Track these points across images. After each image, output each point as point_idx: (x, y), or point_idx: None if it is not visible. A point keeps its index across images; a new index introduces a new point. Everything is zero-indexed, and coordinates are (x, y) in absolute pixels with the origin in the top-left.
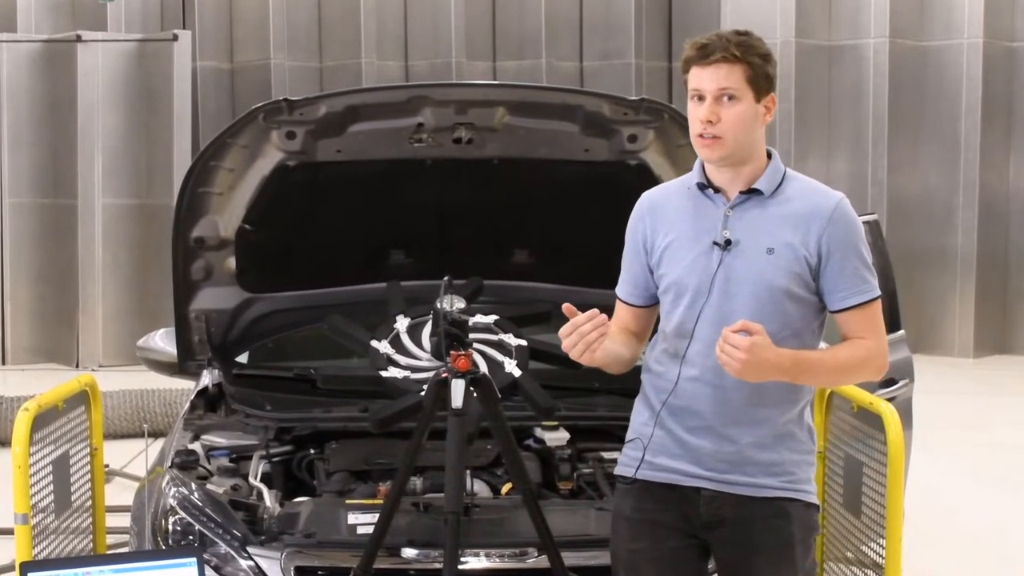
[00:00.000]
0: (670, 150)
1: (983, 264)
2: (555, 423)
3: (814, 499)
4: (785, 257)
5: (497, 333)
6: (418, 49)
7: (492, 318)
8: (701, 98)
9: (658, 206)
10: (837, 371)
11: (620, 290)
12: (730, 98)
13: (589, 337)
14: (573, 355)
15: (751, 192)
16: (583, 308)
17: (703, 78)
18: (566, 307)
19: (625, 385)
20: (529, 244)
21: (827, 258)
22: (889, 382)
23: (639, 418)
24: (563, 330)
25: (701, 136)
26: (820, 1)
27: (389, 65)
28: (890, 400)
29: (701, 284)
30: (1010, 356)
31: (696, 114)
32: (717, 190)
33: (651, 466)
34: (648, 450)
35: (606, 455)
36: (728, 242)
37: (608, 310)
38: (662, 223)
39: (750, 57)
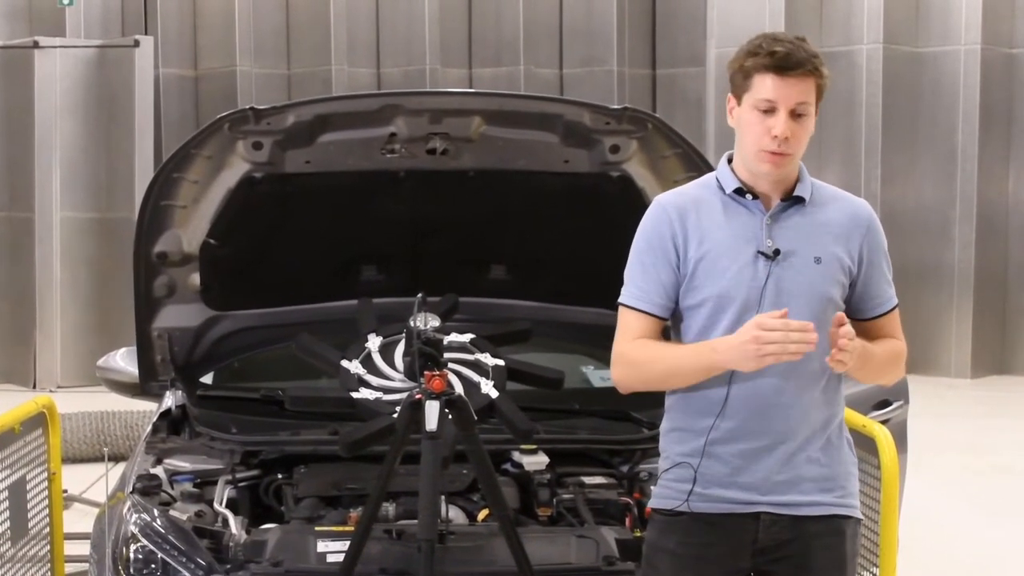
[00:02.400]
0: (654, 161)
1: (981, 280)
2: (534, 446)
3: (860, 514)
4: (832, 267)
5: (473, 352)
6: (390, 55)
7: (468, 337)
8: (771, 110)
9: (686, 212)
10: (885, 363)
11: (645, 302)
12: (803, 113)
13: (792, 347)
14: (763, 351)
15: (790, 199)
16: (563, 327)
17: (780, 89)
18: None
19: (606, 407)
20: (507, 259)
21: (865, 266)
22: (883, 404)
23: (679, 447)
24: (772, 323)
25: (771, 152)
26: (810, 6)
27: (360, 72)
28: (884, 423)
29: (750, 297)
30: (1009, 376)
31: (765, 126)
32: (755, 197)
33: (702, 497)
34: (697, 480)
35: (587, 480)
36: (777, 252)
37: (590, 328)
38: (694, 231)
39: (823, 69)
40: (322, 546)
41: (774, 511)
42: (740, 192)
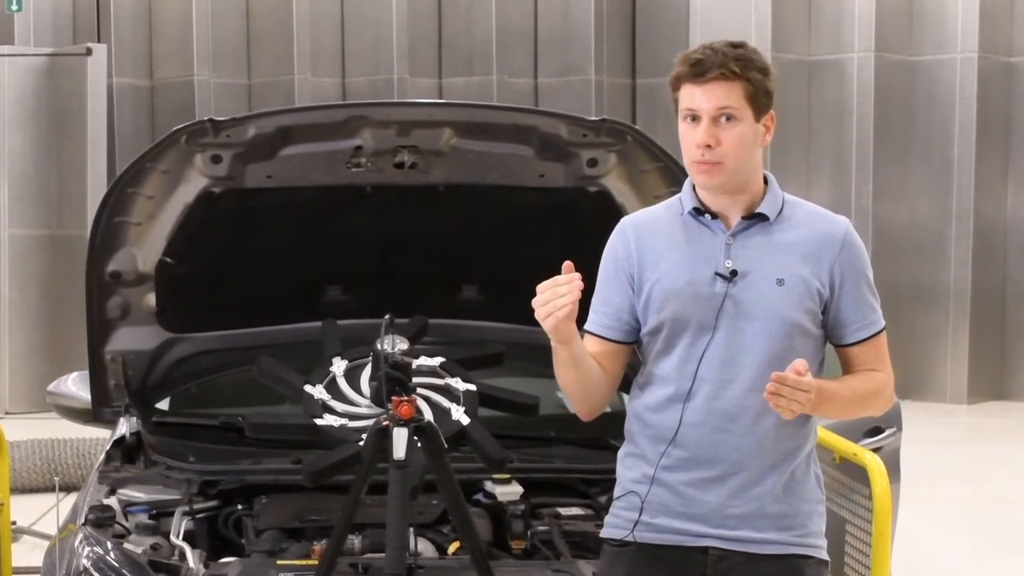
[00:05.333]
0: (634, 175)
1: (978, 301)
2: (507, 476)
3: (825, 555)
4: (797, 290)
5: (443, 377)
6: (356, 65)
7: (438, 360)
8: (696, 119)
9: (644, 233)
10: (853, 401)
11: (595, 324)
12: (729, 118)
13: (559, 301)
14: (539, 315)
15: (754, 218)
16: (538, 350)
17: (699, 97)
18: (566, 264)
19: (584, 434)
20: (479, 279)
21: (839, 288)
22: (875, 431)
23: (631, 473)
24: (541, 286)
25: (699, 162)
26: (799, 12)
27: (324, 82)
28: (876, 451)
29: (704, 320)
30: (1007, 402)
31: (692, 137)
32: (715, 216)
33: (649, 527)
34: (645, 510)
35: (563, 511)
36: (734, 273)
37: None
38: (650, 252)
39: (749, 72)
40: None
41: (723, 546)
42: (699, 212)
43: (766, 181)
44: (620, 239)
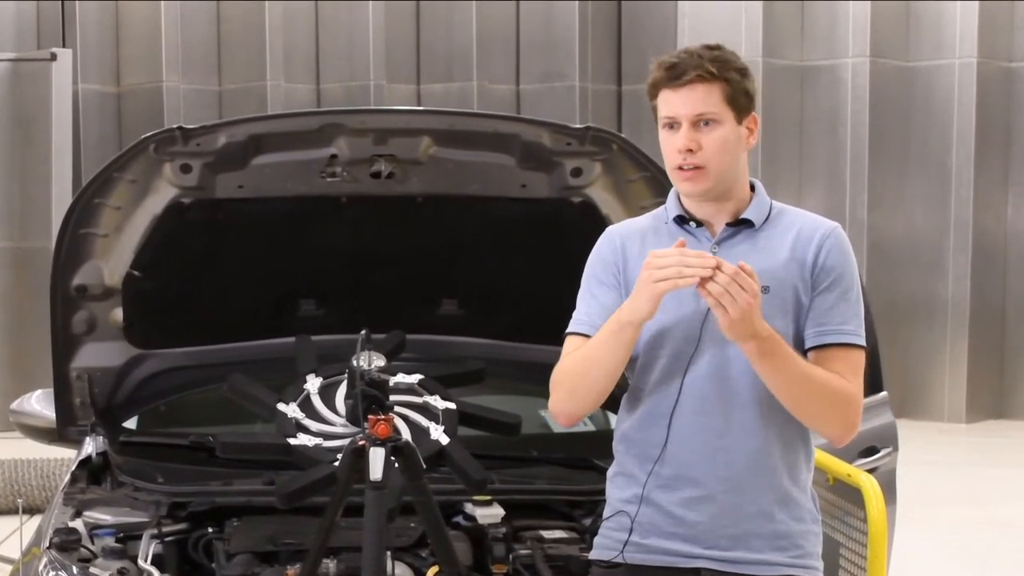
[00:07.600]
0: (619, 185)
1: (977, 316)
2: (488, 497)
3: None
4: (781, 297)
5: (422, 395)
6: (331, 70)
7: (416, 378)
8: (675, 125)
9: (630, 241)
10: (804, 381)
11: (585, 325)
12: (708, 122)
13: (688, 270)
14: (654, 275)
15: (739, 224)
16: (520, 367)
17: (676, 102)
18: (681, 240)
19: (566, 454)
20: (459, 293)
21: (815, 286)
22: (870, 451)
23: (620, 493)
24: (662, 252)
25: (680, 168)
26: (791, 16)
27: (298, 88)
28: (871, 471)
29: (689, 333)
30: (1007, 421)
31: (672, 144)
32: (700, 224)
33: (640, 548)
34: (635, 530)
35: (545, 533)
36: None
37: (549, 368)
38: (636, 262)
39: (727, 73)
40: None
41: (716, 567)
42: (683, 220)
43: (754, 188)
44: (607, 244)
